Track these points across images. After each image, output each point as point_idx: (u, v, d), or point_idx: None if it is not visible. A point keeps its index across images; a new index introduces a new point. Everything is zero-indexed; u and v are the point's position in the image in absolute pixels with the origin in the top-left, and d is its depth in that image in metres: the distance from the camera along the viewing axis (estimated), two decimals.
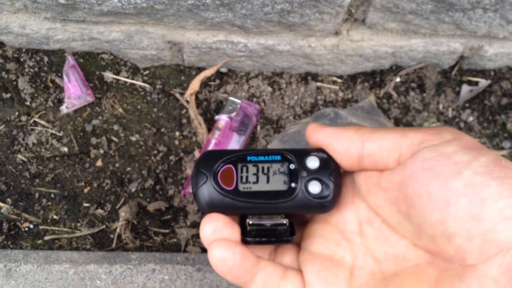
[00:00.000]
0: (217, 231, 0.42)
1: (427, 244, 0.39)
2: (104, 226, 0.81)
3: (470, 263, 0.35)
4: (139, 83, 0.91)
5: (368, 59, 0.89)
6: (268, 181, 0.44)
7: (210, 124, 0.89)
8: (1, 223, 0.81)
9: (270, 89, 0.92)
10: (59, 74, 0.89)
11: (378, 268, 0.42)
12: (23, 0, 0.78)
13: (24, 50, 0.89)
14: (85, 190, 0.83)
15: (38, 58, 0.89)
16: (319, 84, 0.92)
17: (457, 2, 0.75)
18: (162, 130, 0.89)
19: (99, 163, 0.85)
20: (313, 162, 0.44)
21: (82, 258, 0.72)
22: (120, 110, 0.89)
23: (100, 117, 0.88)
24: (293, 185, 0.44)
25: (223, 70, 0.93)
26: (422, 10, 0.77)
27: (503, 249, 0.34)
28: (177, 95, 0.90)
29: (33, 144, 0.86)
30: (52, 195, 0.83)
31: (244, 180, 0.44)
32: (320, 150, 0.45)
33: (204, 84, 0.92)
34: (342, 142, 0.44)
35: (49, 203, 0.82)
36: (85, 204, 0.82)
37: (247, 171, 0.44)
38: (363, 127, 0.44)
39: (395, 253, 0.42)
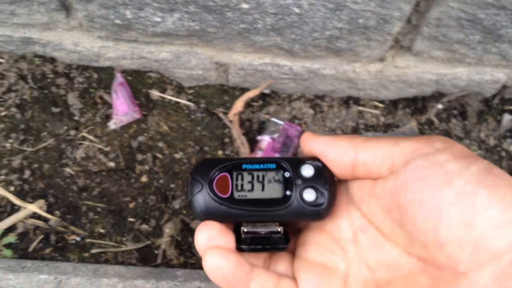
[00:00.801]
0: (212, 239, 0.42)
1: (419, 251, 0.39)
2: (149, 242, 0.83)
3: (462, 270, 0.36)
4: (183, 101, 0.93)
5: (411, 85, 0.90)
6: (263, 189, 0.44)
7: (251, 144, 0.91)
8: (49, 234, 0.83)
9: (312, 111, 0.93)
10: (108, 91, 0.91)
11: (371, 276, 0.43)
12: (79, 19, 0.81)
13: (74, 66, 0.92)
14: (131, 205, 0.85)
15: (88, 75, 0.92)
16: (360, 108, 0.94)
17: (505, 34, 0.75)
18: (205, 148, 0.90)
19: (144, 179, 0.87)
20: (308, 171, 0.45)
21: (130, 273, 0.74)
22: (165, 127, 0.91)
23: (145, 134, 0.90)
24: (288, 193, 0.44)
25: (266, 91, 0.94)
26: (470, 40, 0.78)
27: (495, 257, 0.34)
28: (221, 115, 0.92)
29: (81, 158, 0.88)
30: (99, 209, 0.85)
31: (239, 188, 0.44)
32: (315, 159, 0.46)
33: (247, 104, 0.93)
34: (336, 151, 0.44)
35: (96, 216, 0.85)
36: (131, 219, 0.84)
37: (242, 179, 0.45)
38: (356, 136, 0.45)
39: (388, 261, 0.42)
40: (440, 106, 0.92)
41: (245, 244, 0.43)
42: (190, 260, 0.82)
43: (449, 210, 0.36)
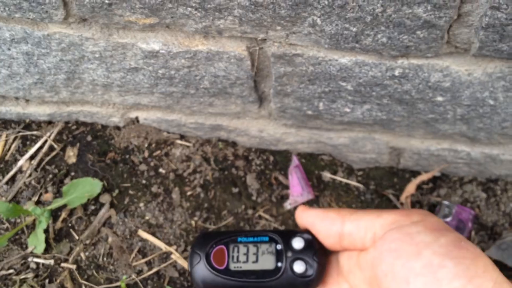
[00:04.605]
0: None
1: None
2: None
3: None
4: (353, 183, 0.96)
5: None
6: (256, 260, 0.48)
7: None
8: None
9: (484, 195, 0.93)
10: (282, 172, 0.97)
11: None
12: (269, 109, 0.87)
13: (253, 149, 0.99)
14: None
15: (265, 157, 0.98)
16: None
17: None
18: None
19: None
20: (298, 243, 0.48)
21: None
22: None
23: None
24: (279, 264, 0.48)
25: (437, 174, 0.96)
26: None
27: None
28: (391, 196, 0.94)
29: None
30: None
31: (235, 259, 0.48)
32: (306, 231, 0.49)
33: (417, 187, 0.95)
34: (325, 222, 0.47)
35: None
36: None
37: (238, 251, 0.49)
38: (346, 209, 0.48)
39: None
40: None
41: None
42: None
43: (415, 281, 0.38)
